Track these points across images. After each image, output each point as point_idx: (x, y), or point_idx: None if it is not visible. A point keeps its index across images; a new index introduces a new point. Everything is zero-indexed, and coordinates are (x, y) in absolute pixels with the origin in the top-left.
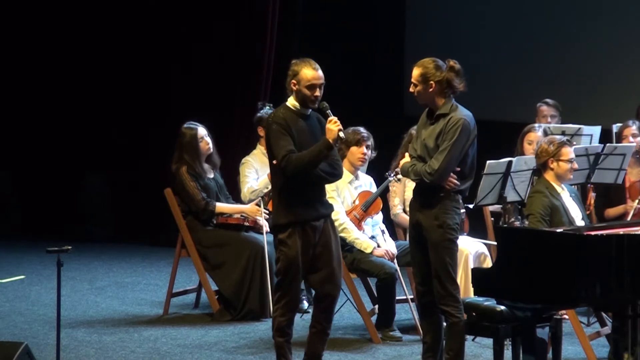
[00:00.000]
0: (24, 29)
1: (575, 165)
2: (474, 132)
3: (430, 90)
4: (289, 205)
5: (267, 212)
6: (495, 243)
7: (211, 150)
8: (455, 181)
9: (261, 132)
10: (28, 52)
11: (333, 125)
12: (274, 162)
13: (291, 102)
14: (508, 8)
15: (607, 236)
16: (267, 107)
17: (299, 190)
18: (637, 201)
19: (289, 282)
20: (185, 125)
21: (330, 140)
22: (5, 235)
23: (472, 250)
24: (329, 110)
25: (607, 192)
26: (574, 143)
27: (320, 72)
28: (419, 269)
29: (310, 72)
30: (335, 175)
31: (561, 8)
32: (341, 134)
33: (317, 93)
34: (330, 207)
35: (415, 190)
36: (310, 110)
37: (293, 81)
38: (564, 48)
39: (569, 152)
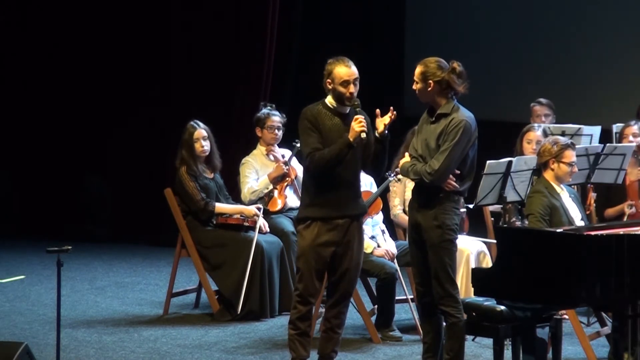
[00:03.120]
0: (24, 29)
1: (575, 169)
2: (475, 133)
3: (429, 89)
4: (310, 202)
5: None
6: (493, 241)
7: (206, 153)
8: (454, 183)
9: (259, 132)
10: (28, 52)
11: (357, 125)
12: None
13: (329, 99)
14: (508, 8)
15: (607, 236)
16: (269, 108)
17: (323, 189)
18: (629, 207)
19: (301, 274)
20: (190, 122)
21: (351, 139)
22: (5, 235)
23: (472, 250)
24: (359, 109)
25: (607, 192)
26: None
27: (353, 69)
28: (418, 270)
29: (343, 69)
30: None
31: (561, 8)
32: (363, 135)
33: (352, 89)
34: (360, 209)
35: (414, 191)
36: (350, 108)
37: (328, 80)
38: (564, 48)
39: (571, 155)
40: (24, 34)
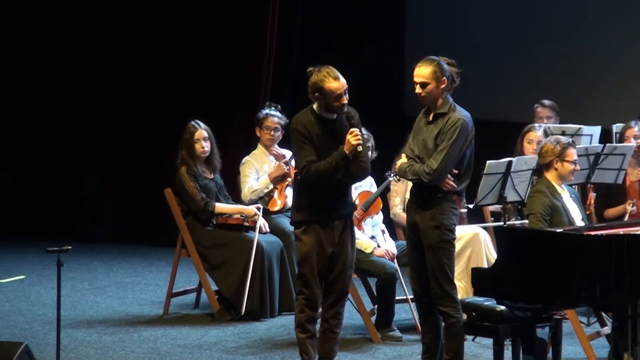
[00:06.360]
0: (23, 29)
1: (578, 167)
2: (472, 132)
3: (443, 86)
4: (306, 205)
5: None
6: (490, 224)
7: (207, 153)
8: (452, 183)
9: (258, 132)
10: (27, 52)
11: (352, 139)
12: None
13: (317, 107)
14: (508, 8)
15: (607, 236)
16: (272, 108)
17: (318, 192)
18: (631, 205)
19: (306, 279)
20: (191, 122)
21: (347, 152)
22: (5, 235)
23: (480, 231)
24: (354, 121)
25: (607, 192)
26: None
27: (342, 80)
28: (415, 270)
29: (334, 84)
30: (356, 177)
31: (561, 8)
32: (359, 148)
33: (344, 100)
34: (352, 207)
35: (412, 191)
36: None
37: (316, 94)
38: (564, 48)
39: (573, 153)
40: (24, 35)
